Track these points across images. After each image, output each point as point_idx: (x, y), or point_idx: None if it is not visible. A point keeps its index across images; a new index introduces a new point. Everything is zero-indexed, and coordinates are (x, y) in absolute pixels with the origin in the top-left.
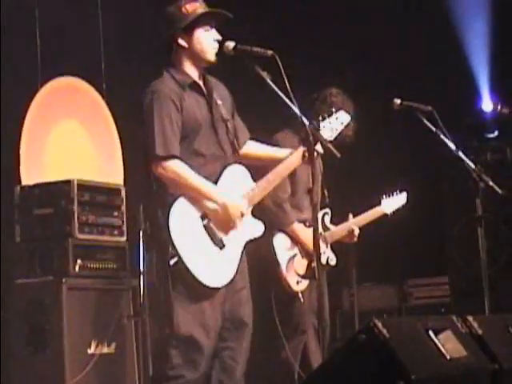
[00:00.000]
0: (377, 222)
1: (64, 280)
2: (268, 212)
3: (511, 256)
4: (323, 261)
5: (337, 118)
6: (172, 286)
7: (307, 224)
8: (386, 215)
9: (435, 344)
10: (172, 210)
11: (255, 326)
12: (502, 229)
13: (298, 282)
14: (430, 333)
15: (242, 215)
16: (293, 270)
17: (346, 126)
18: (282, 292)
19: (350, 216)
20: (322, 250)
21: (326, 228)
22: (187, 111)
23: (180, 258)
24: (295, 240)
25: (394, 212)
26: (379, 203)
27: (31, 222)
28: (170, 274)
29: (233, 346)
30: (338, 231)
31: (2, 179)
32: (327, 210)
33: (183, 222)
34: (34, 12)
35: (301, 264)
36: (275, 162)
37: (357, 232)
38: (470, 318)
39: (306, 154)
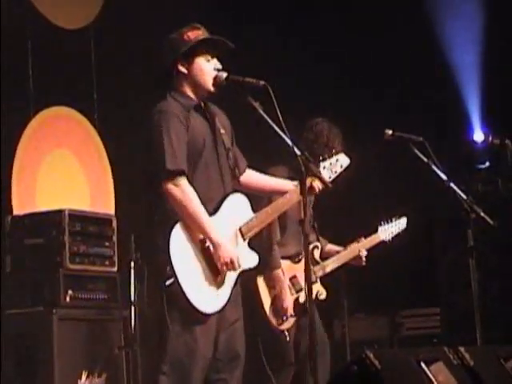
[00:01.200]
0: (373, 249)
1: (54, 311)
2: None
3: (503, 287)
4: (303, 298)
5: (337, 160)
6: (167, 310)
7: (297, 259)
8: (384, 242)
9: (427, 375)
10: (173, 231)
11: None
12: (494, 260)
13: (282, 321)
14: (422, 364)
15: (232, 261)
16: (278, 308)
17: (345, 170)
18: (267, 329)
19: (340, 247)
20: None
21: (315, 262)
22: (193, 132)
23: (176, 279)
24: (277, 283)
25: (392, 238)
26: (376, 230)
27: (22, 251)
28: (165, 297)
29: (225, 378)
30: (329, 264)
31: None
32: (317, 244)
33: (183, 245)
34: (27, 42)
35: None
36: (274, 193)
37: (363, 254)
38: (462, 349)
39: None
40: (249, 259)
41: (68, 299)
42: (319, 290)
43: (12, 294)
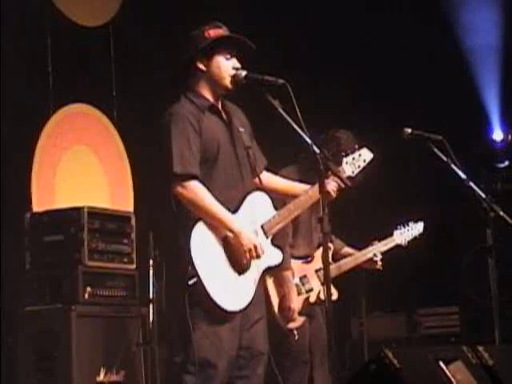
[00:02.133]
0: (390, 252)
1: (73, 307)
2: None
3: None
4: (314, 298)
5: (360, 155)
6: (189, 309)
7: (308, 260)
8: (400, 246)
9: (446, 374)
10: (194, 231)
11: None
12: None
13: (289, 321)
14: (441, 363)
15: (255, 247)
16: (286, 308)
17: (369, 164)
18: (276, 327)
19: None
20: (315, 287)
21: None
22: (206, 134)
23: (199, 278)
24: (285, 284)
25: (409, 243)
26: (391, 234)
27: (41, 249)
28: (187, 296)
29: (247, 375)
30: (342, 265)
31: (13, 206)
32: (329, 245)
33: (204, 244)
34: (47, 39)
35: (296, 301)
36: (287, 196)
37: (378, 258)
38: (481, 349)
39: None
40: (273, 256)
41: (87, 296)
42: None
43: (31, 290)
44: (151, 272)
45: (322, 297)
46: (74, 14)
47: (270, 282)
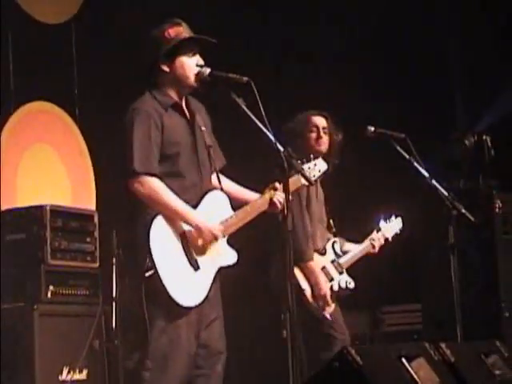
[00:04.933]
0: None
1: (36, 306)
2: (295, 241)
3: (483, 284)
4: (336, 286)
5: (315, 165)
6: (146, 302)
7: (323, 251)
8: (387, 240)
9: (408, 371)
10: (153, 225)
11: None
12: (475, 256)
13: (326, 306)
14: (403, 360)
15: (216, 239)
16: (320, 295)
17: (324, 173)
18: (310, 316)
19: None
20: (335, 277)
21: (338, 255)
22: (168, 131)
23: (156, 271)
24: (312, 273)
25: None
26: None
27: (3, 247)
28: (144, 290)
29: (206, 373)
30: (351, 256)
31: None
32: (336, 239)
33: (162, 238)
34: (8, 35)
35: (327, 287)
36: (239, 201)
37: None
38: (443, 346)
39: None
40: (228, 256)
41: (49, 295)
42: (347, 280)
43: None
44: (114, 270)
45: (343, 285)
46: (35, 11)
47: (299, 275)
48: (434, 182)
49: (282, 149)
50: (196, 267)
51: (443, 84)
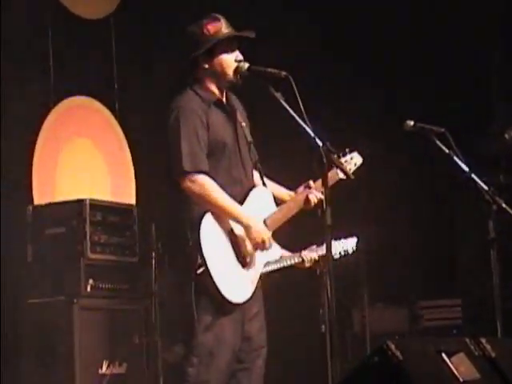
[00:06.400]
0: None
1: (75, 300)
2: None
3: None
4: None
5: (351, 158)
6: (195, 300)
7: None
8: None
9: (448, 366)
10: (203, 222)
11: None
12: None
13: None
14: (443, 355)
15: (264, 241)
16: None
17: (359, 168)
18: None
19: None
20: None
21: None
22: (213, 128)
23: (207, 268)
24: None
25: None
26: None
27: (43, 241)
28: (193, 286)
29: (248, 367)
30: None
31: (15, 199)
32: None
33: (212, 236)
34: (48, 31)
35: None
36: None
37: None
38: (483, 340)
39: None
40: (273, 251)
41: (89, 289)
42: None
43: (33, 283)
44: (154, 264)
45: None
46: (75, 7)
47: None
48: (473, 176)
49: (320, 143)
50: (244, 264)
51: (482, 78)
